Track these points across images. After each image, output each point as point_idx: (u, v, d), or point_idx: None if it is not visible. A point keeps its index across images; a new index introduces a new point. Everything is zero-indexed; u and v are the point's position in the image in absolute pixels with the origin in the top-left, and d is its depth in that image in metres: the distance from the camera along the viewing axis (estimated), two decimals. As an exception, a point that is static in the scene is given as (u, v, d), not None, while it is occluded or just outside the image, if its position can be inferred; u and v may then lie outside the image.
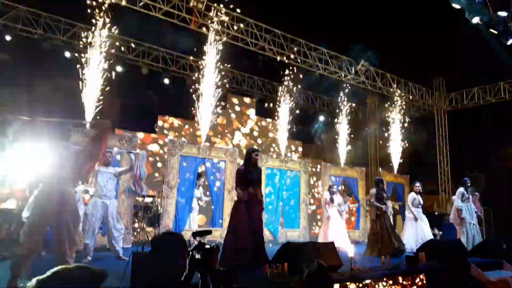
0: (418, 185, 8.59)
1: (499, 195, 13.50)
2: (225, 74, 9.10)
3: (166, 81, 12.28)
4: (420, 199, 8.45)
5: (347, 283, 4.29)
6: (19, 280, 3.51)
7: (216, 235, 8.10)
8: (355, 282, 4.35)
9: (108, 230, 5.73)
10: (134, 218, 8.31)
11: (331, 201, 8.73)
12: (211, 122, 8.75)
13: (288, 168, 9.89)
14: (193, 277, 2.71)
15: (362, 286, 4.41)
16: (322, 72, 12.83)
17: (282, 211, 9.76)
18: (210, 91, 8.65)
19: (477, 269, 5.46)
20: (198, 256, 2.68)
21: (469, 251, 6.93)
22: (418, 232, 8.25)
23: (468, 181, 8.70)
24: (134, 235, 7.99)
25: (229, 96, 13.43)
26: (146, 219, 8.75)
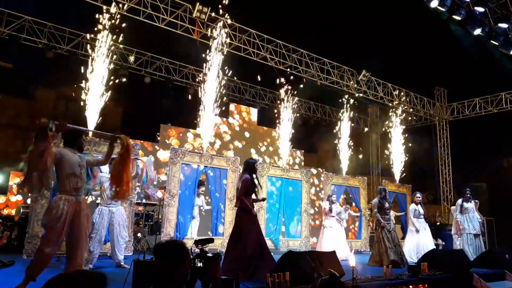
0: (418, 195, 8.60)
1: (501, 205, 13.46)
2: (227, 84, 9.14)
3: (168, 90, 12.35)
4: (420, 210, 8.44)
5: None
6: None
7: (217, 244, 8.07)
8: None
9: (113, 237, 5.73)
10: (135, 226, 8.30)
11: (330, 211, 8.75)
12: (213, 131, 8.78)
13: (289, 177, 9.89)
14: (195, 285, 2.72)
15: (364, 296, 4.39)
16: (324, 81, 12.90)
17: (284, 220, 9.74)
18: (212, 100, 8.69)
19: (479, 279, 5.43)
20: (200, 264, 2.69)
21: (471, 261, 6.89)
22: (419, 242, 8.24)
23: (467, 192, 8.70)
24: (135, 244, 7.97)
25: (230, 105, 13.49)
26: (147, 227, 8.74)
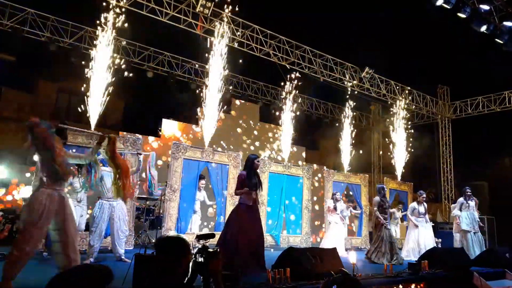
0: (424, 196, 8.61)
1: (503, 204, 13.44)
2: (229, 79, 9.12)
3: (170, 85, 12.33)
4: (421, 209, 8.45)
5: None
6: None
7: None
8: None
9: (113, 231, 5.75)
10: (136, 220, 8.33)
11: (335, 209, 8.80)
12: (215, 126, 8.77)
13: (291, 173, 9.89)
14: (195, 280, 2.72)
15: (364, 293, 4.39)
16: (327, 78, 12.86)
17: (285, 217, 9.76)
18: (214, 96, 8.68)
19: (479, 278, 5.44)
20: (201, 259, 2.69)
21: (472, 260, 6.89)
22: (419, 240, 8.27)
23: (467, 189, 8.70)
24: (136, 238, 7.99)
25: (233, 101, 13.47)
26: (148, 222, 8.77)
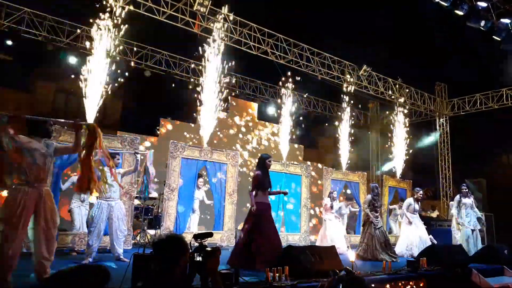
0: (421, 193, 8.64)
1: (501, 201, 13.46)
2: (227, 78, 9.10)
3: (168, 84, 12.30)
4: (416, 206, 8.47)
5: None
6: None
7: (216, 238, 8.09)
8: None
9: (112, 231, 5.73)
10: (135, 219, 8.31)
11: (331, 207, 8.82)
12: (213, 125, 8.76)
13: (289, 172, 9.88)
14: (194, 279, 2.72)
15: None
16: (324, 76, 12.85)
17: (283, 215, 9.76)
18: (212, 95, 8.67)
19: (478, 275, 5.44)
20: (199, 258, 2.68)
21: (470, 257, 6.90)
22: (412, 237, 8.27)
23: (464, 187, 8.72)
24: (134, 237, 7.97)
25: (231, 99, 13.46)
26: (146, 221, 8.75)
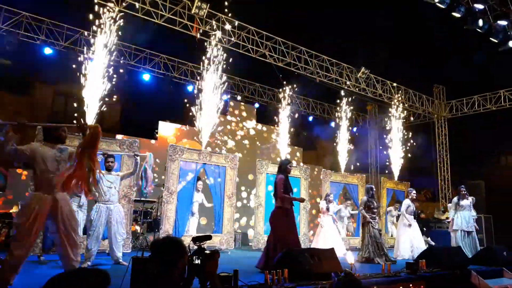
0: (414, 192, 8.74)
1: (499, 203, 13.49)
2: (225, 81, 9.12)
3: (167, 87, 12.33)
4: (413, 207, 8.51)
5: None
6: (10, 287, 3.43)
7: (216, 241, 8.08)
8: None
9: (110, 235, 5.72)
10: (133, 223, 8.30)
11: (327, 210, 8.83)
12: (212, 128, 8.78)
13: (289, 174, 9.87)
14: (193, 282, 2.72)
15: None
16: (323, 79, 12.88)
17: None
18: (211, 98, 8.68)
19: (477, 276, 5.44)
20: (197, 261, 2.68)
21: (469, 259, 6.91)
22: (413, 239, 8.31)
23: (462, 188, 8.75)
24: (133, 241, 7.96)
25: (229, 102, 13.48)
26: (145, 224, 8.74)
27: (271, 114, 12.72)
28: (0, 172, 9.88)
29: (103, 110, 7.30)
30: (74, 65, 7.43)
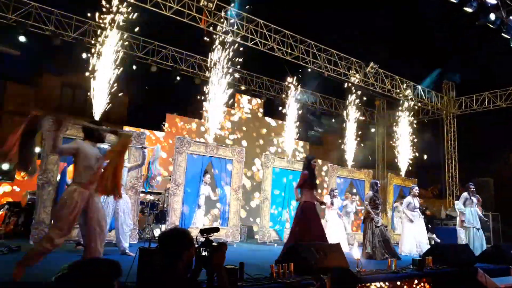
0: (416, 189, 8.75)
1: (508, 200, 13.37)
2: (233, 74, 9.10)
3: (174, 79, 12.29)
4: (416, 203, 8.49)
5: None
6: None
7: (222, 234, 8.10)
8: (361, 284, 4.33)
9: (117, 225, 5.75)
10: (140, 214, 8.34)
11: (331, 204, 8.81)
12: (219, 121, 8.76)
13: (295, 168, 9.87)
14: (200, 273, 2.72)
15: (368, 289, 4.38)
16: (331, 73, 12.78)
17: (288, 212, 9.75)
18: (219, 91, 8.66)
19: (484, 275, 5.41)
20: (204, 253, 2.68)
21: (476, 256, 6.86)
22: (416, 234, 8.32)
23: (471, 186, 8.67)
24: (140, 232, 8.00)
25: (237, 96, 13.44)
26: (152, 216, 8.78)
27: (278, 107, 12.67)
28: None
29: (110, 102, 7.32)
30: (82, 56, 7.47)
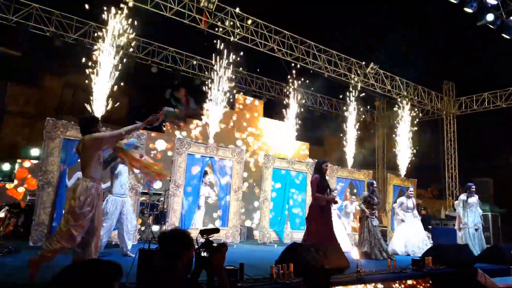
0: (411, 190, 8.78)
1: (508, 200, 13.37)
2: (233, 75, 9.11)
3: (175, 80, 12.30)
4: (409, 203, 8.52)
5: (353, 286, 4.27)
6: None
7: (221, 234, 8.11)
8: (361, 284, 4.34)
9: (122, 226, 5.76)
10: (140, 215, 8.35)
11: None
12: (219, 122, 8.78)
13: (294, 169, 9.88)
14: (200, 274, 2.73)
15: (368, 289, 4.39)
16: (331, 74, 12.80)
17: (288, 212, 9.76)
18: (219, 92, 8.68)
19: (484, 275, 5.41)
20: (204, 254, 2.69)
21: (476, 257, 6.86)
22: (409, 234, 8.32)
23: (471, 186, 8.67)
24: (140, 233, 8.01)
25: (237, 96, 13.45)
26: (152, 217, 8.78)
27: (279, 108, 12.68)
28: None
29: (111, 102, 7.34)
30: (83, 57, 7.48)
